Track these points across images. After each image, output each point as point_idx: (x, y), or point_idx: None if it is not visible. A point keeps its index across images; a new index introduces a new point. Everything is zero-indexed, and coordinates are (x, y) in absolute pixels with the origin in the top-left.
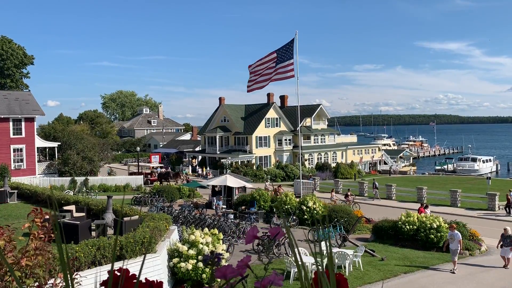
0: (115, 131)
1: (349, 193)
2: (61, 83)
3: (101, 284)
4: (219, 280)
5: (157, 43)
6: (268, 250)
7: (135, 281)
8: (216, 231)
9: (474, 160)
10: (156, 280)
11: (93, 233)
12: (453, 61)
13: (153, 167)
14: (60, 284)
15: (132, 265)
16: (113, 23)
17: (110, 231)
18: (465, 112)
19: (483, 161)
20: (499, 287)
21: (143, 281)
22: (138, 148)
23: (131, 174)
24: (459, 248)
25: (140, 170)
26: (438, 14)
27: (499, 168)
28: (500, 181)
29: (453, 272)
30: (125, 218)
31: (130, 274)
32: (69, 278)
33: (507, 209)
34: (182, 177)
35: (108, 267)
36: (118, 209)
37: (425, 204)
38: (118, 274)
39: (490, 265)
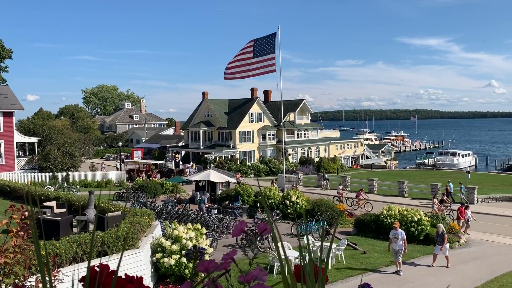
0: (96, 126)
1: (445, 198)
2: (40, 77)
3: (79, 281)
4: (202, 275)
5: (139, 37)
6: (252, 244)
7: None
8: (199, 226)
9: (453, 154)
10: (136, 276)
11: (75, 229)
12: (433, 56)
13: (152, 164)
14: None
15: (115, 261)
16: (94, 16)
17: (92, 227)
18: (445, 107)
19: (462, 156)
20: (477, 278)
21: (123, 276)
22: (120, 143)
23: (128, 171)
24: (403, 248)
25: (138, 167)
26: (417, 11)
27: (477, 162)
28: (479, 175)
29: (399, 274)
30: (107, 214)
31: (110, 270)
32: (46, 277)
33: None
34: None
35: (91, 263)
36: (100, 205)
37: (466, 205)
38: (98, 270)
39: (469, 256)
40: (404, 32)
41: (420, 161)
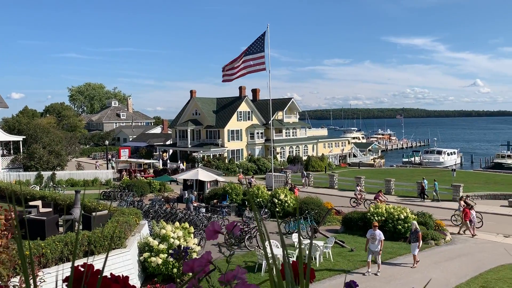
0: (83, 124)
1: (468, 200)
2: (25, 74)
3: (63, 281)
4: (190, 274)
5: (125, 34)
6: (231, 243)
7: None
8: (187, 225)
9: (439, 152)
10: (122, 275)
11: (61, 229)
12: (419, 56)
13: (145, 163)
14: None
15: (102, 261)
16: (79, 13)
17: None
18: (431, 106)
19: (448, 154)
20: (462, 275)
21: (109, 276)
22: (106, 142)
23: (120, 171)
24: (379, 249)
25: (130, 166)
26: (403, 10)
27: (463, 160)
28: (464, 173)
29: (376, 274)
30: (94, 213)
31: (95, 269)
32: (29, 277)
33: (421, 195)
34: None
35: (77, 263)
36: (87, 204)
37: (471, 205)
38: (83, 270)
39: (454, 253)
40: (390, 32)
41: (407, 160)
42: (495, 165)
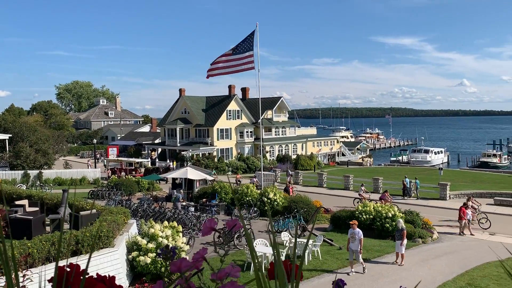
0: (70, 122)
1: (472, 200)
2: (11, 72)
3: (48, 281)
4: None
5: (114, 32)
6: (225, 242)
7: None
8: (175, 224)
9: (426, 151)
10: (108, 275)
11: (48, 228)
12: (407, 56)
13: (137, 163)
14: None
15: (90, 260)
16: (66, 10)
17: (66, 226)
18: (419, 105)
19: (435, 153)
20: (448, 272)
21: (95, 276)
22: (94, 141)
23: (113, 169)
24: (359, 248)
25: (121, 165)
26: (392, 10)
27: (450, 159)
28: (451, 172)
29: (363, 272)
30: (82, 212)
31: (81, 269)
32: (12, 278)
33: (404, 193)
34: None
35: (63, 262)
36: (74, 203)
37: (466, 204)
38: (68, 270)
39: (441, 251)
40: (379, 31)
41: (395, 158)
42: (481, 163)
